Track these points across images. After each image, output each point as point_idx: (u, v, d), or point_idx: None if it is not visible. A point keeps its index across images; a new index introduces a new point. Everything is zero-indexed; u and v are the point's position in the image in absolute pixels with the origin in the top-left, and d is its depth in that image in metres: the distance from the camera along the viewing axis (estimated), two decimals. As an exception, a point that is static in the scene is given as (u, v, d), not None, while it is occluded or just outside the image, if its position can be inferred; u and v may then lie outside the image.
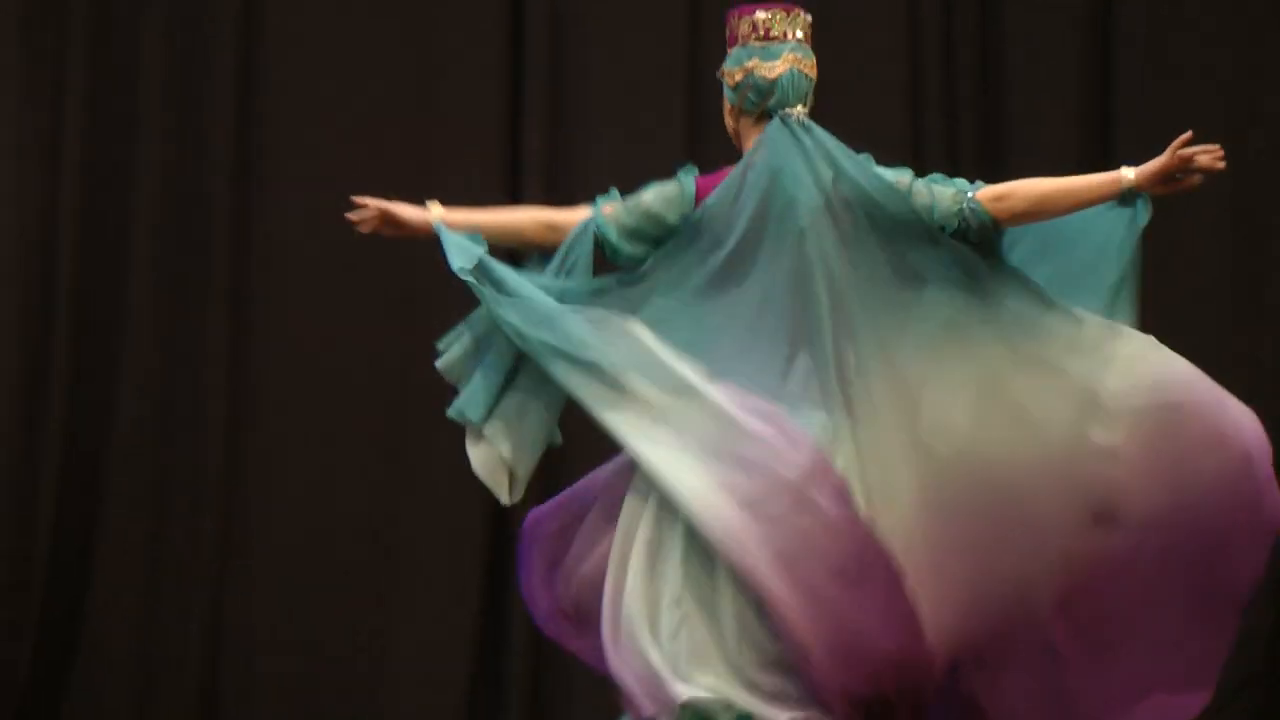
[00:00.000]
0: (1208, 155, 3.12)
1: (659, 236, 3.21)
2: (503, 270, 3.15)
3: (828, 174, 3.13)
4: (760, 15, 3.25)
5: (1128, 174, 3.14)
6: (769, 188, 3.14)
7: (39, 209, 5.23)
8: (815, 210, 3.12)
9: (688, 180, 3.21)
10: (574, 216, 3.25)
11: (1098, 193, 3.17)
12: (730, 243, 3.14)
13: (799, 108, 3.20)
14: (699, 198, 3.18)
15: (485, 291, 3.11)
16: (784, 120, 3.17)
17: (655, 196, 3.20)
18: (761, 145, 3.17)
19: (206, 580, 5.19)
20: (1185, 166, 3.12)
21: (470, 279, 3.10)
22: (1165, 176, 3.13)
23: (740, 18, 3.27)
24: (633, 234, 3.20)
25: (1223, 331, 5.31)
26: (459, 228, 3.20)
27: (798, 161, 3.15)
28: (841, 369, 3.07)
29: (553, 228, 3.26)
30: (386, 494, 5.32)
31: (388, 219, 3.23)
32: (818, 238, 3.11)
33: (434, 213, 3.22)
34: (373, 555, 5.30)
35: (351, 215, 3.27)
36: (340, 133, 5.43)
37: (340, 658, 5.24)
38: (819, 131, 3.19)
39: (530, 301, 3.12)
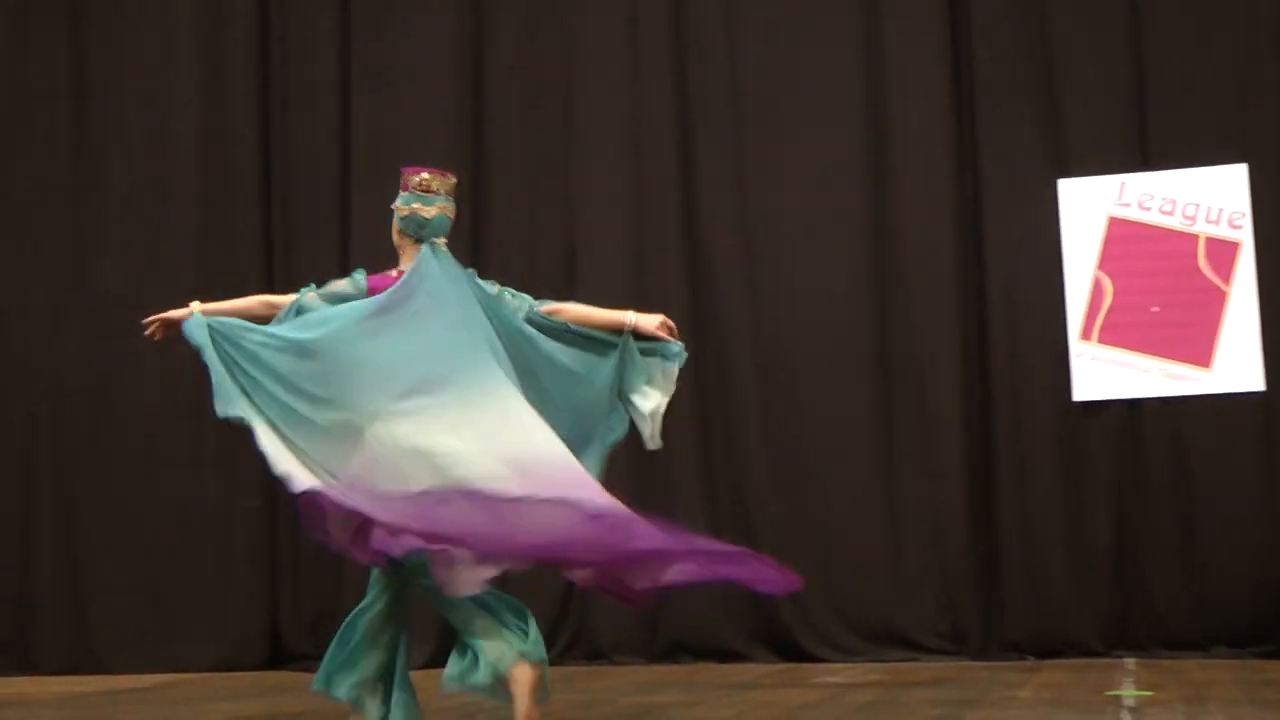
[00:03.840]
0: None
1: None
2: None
3: (461, 277, 5.24)
4: (424, 175, 5.44)
5: (630, 318, 5.53)
6: (422, 284, 5.17)
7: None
8: (461, 296, 5.18)
9: (360, 277, 5.32)
10: (287, 299, 5.30)
11: (609, 322, 5.51)
12: (401, 307, 5.13)
13: (441, 239, 5.32)
14: (370, 289, 5.25)
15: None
16: (433, 246, 5.27)
17: (341, 285, 5.32)
18: (421, 260, 5.23)
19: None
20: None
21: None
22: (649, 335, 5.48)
23: (410, 174, 5.46)
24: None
25: None
26: (211, 313, 5.27)
27: (439, 270, 5.23)
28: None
29: (271, 305, 5.33)
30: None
31: (166, 324, 5.37)
32: (461, 307, 5.17)
33: (194, 307, 5.28)
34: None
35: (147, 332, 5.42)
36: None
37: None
38: (449, 256, 5.29)
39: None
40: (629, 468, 8.71)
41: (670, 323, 5.54)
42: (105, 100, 9.42)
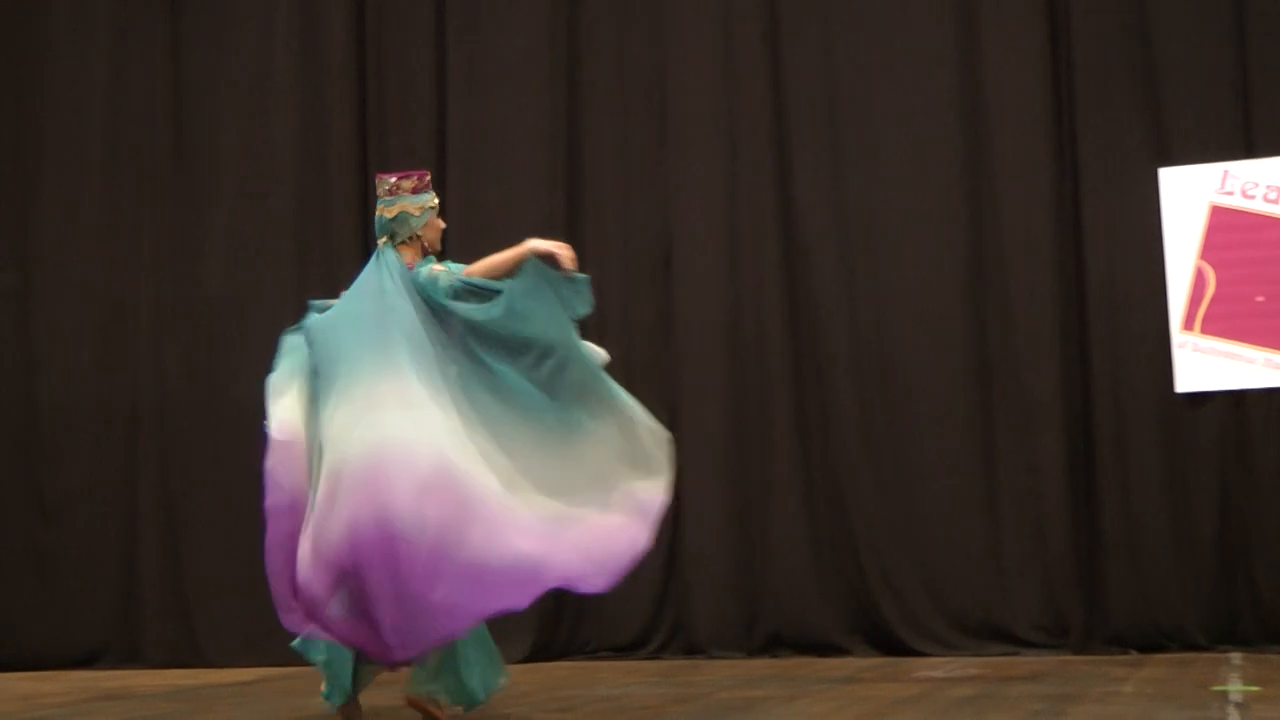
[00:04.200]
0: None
1: None
2: None
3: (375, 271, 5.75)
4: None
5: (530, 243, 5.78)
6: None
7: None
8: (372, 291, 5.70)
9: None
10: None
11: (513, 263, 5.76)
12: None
13: (381, 239, 5.86)
14: None
15: None
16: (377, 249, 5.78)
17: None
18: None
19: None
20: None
21: None
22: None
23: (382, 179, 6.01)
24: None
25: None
26: None
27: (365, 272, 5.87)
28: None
29: None
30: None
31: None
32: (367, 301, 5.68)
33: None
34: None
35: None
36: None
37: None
38: (382, 255, 5.79)
39: None
40: (727, 465, 8.78)
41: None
42: (206, 102, 9.57)
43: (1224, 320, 8.21)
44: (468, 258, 9.04)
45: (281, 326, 9.19)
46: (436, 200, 6.09)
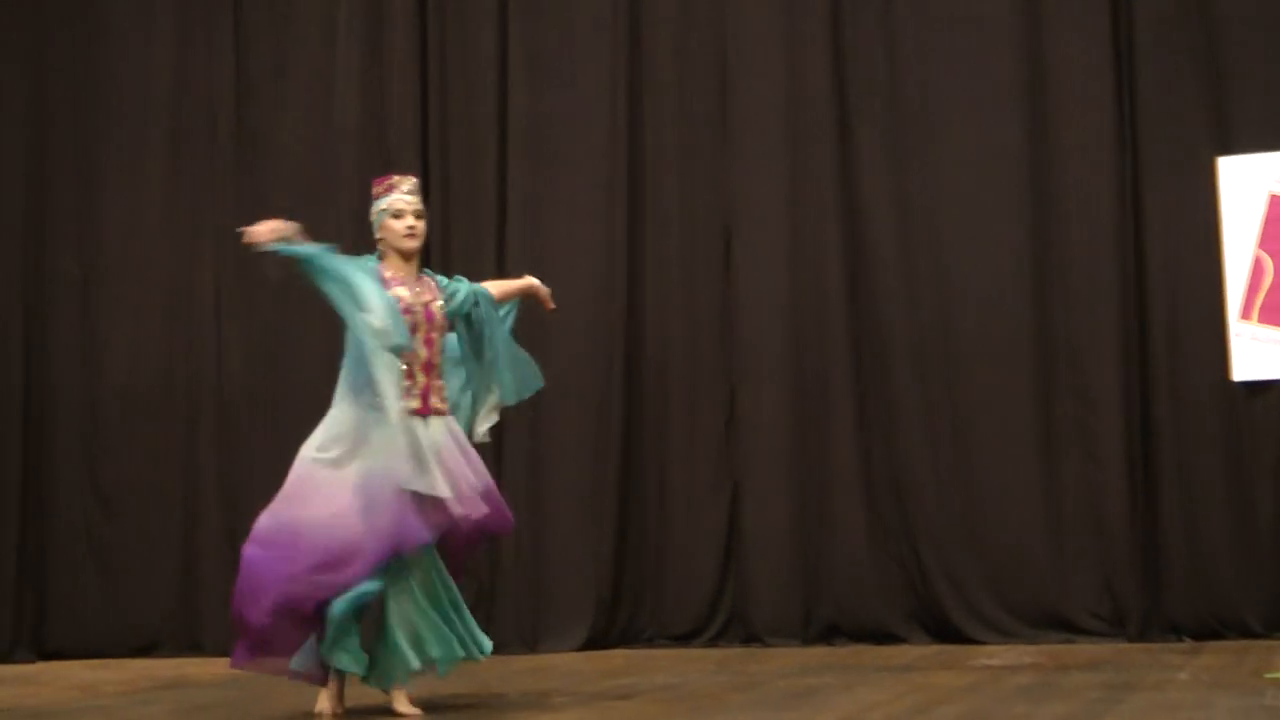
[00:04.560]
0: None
1: None
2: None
3: None
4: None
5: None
6: None
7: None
8: None
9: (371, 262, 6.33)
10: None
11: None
12: None
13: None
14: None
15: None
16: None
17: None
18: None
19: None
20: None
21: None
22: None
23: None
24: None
25: None
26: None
27: None
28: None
29: None
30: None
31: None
32: None
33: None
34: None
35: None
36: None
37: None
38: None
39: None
40: (786, 453, 8.83)
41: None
42: (268, 91, 9.67)
43: (1283, 310, 8.22)
44: (525, 245, 9.17)
45: (342, 320, 9.33)
46: (393, 202, 6.32)
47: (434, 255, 9.25)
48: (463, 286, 6.22)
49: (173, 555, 9.48)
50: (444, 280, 6.30)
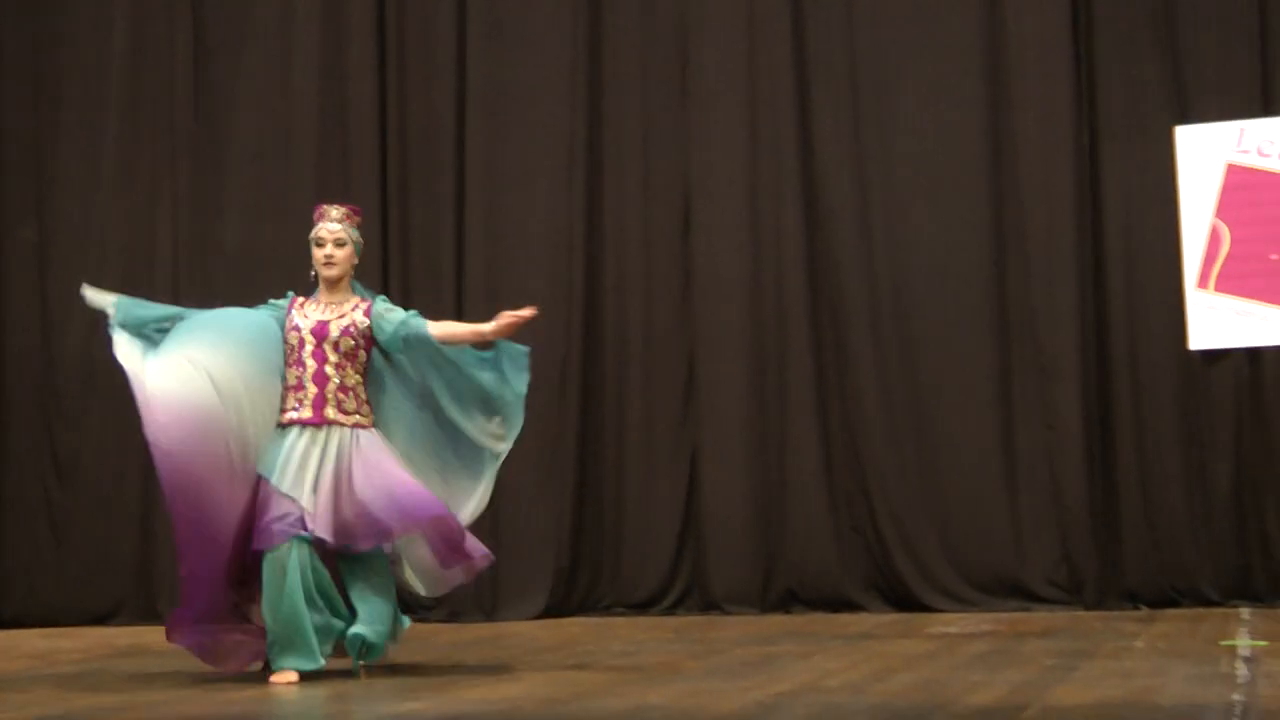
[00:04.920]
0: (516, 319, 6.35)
1: None
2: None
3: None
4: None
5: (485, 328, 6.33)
6: None
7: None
8: None
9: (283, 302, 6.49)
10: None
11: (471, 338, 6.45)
12: None
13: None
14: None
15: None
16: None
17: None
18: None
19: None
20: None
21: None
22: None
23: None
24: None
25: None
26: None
27: None
28: None
29: None
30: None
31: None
32: None
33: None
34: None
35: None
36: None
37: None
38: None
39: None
40: (744, 422, 8.87)
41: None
42: (225, 58, 9.62)
43: (1238, 278, 8.28)
44: (484, 214, 9.17)
45: (300, 285, 9.31)
46: (316, 231, 6.50)
47: (391, 228, 9.27)
48: (391, 322, 6.32)
49: (130, 523, 9.46)
50: (382, 307, 6.39)
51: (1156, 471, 8.39)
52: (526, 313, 6.38)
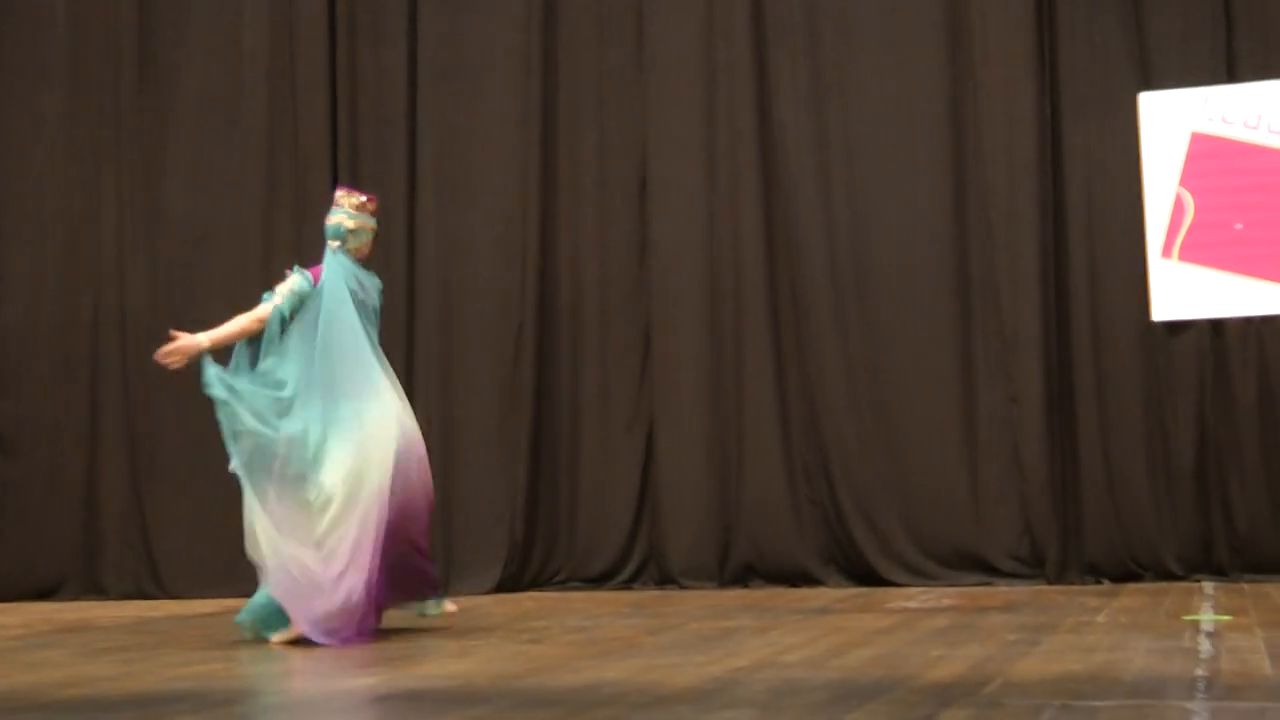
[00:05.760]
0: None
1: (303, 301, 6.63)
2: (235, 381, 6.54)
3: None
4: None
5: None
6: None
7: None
8: None
9: (307, 273, 6.68)
10: (266, 310, 6.59)
11: None
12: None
13: (335, 242, 6.79)
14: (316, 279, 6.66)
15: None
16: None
17: (296, 284, 6.65)
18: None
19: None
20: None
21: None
22: None
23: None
24: (291, 305, 6.59)
25: None
26: (218, 342, 6.58)
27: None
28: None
29: (259, 320, 6.60)
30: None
31: (184, 355, 6.62)
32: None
33: (201, 340, 6.57)
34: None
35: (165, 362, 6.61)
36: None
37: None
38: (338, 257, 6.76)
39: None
40: (701, 393, 8.87)
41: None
42: (171, 18, 9.56)
43: (1202, 248, 8.32)
44: (435, 180, 9.14)
45: (249, 251, 9.34)
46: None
47: (343, 183, 9.21)
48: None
49: (74, 496, 9.42)
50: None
51: (1119, 444, 8.43)
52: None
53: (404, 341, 9.07)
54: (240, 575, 9.07)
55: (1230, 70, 8.38)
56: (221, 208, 9.35)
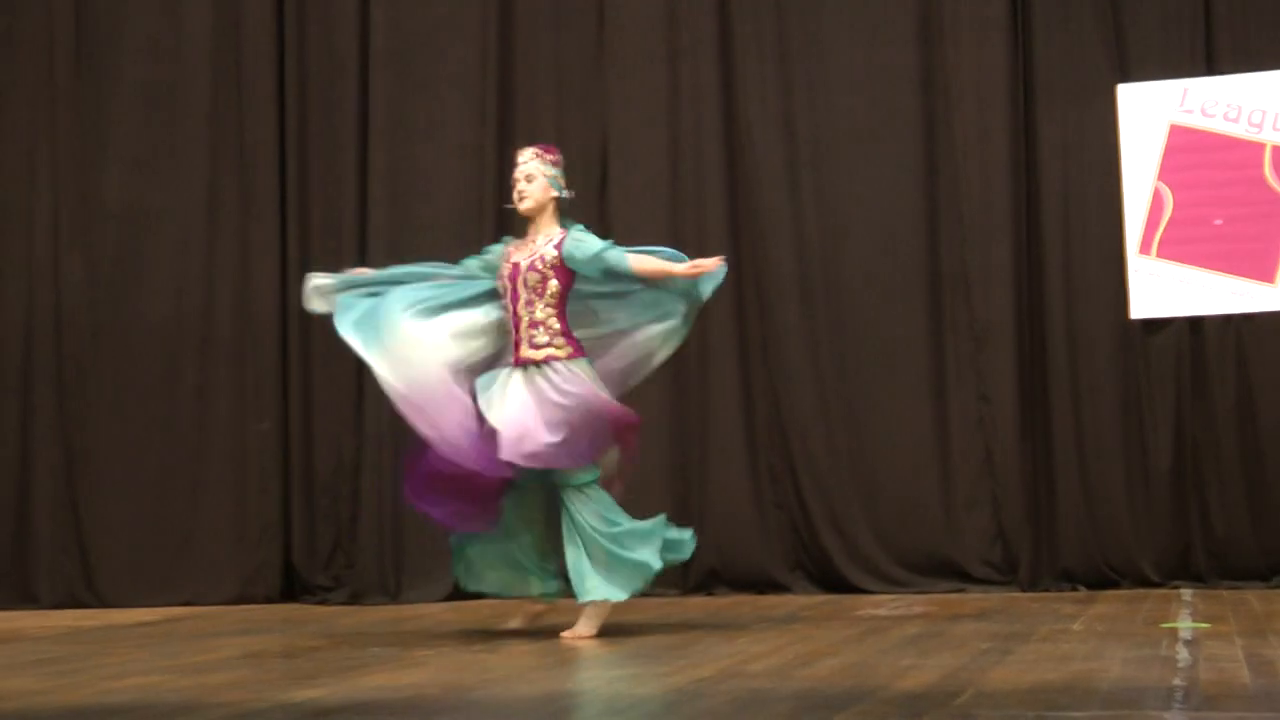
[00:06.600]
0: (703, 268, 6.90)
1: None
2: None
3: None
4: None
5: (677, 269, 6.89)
6: None
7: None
8: None
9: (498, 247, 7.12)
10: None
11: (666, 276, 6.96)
12: None
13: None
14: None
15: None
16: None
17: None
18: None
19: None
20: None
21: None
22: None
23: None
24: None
25: None
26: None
27: None
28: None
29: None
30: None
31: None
32: None
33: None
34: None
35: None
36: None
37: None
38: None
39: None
40: (663, 392, 8.86)
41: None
42: (108, 3, 9.50)
43: (1182, 244, 8.36)
44: (389, 170, 9.11)
45: (192, 241, 9.30)
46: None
47: (290, 183, 9.21)
48: (585, 252, 6.88)
49: (4, 499, 9.36)
50: (575, 237, 6.96)
51: (1095, 446, 8.47)
52: (714, 262, 6.94)
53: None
54: (179, 582, 9.09)
55: (1210, 61, 8.43)
56: (162, 197, 9.29)
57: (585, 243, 6.89)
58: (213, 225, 9.31)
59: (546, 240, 6.96)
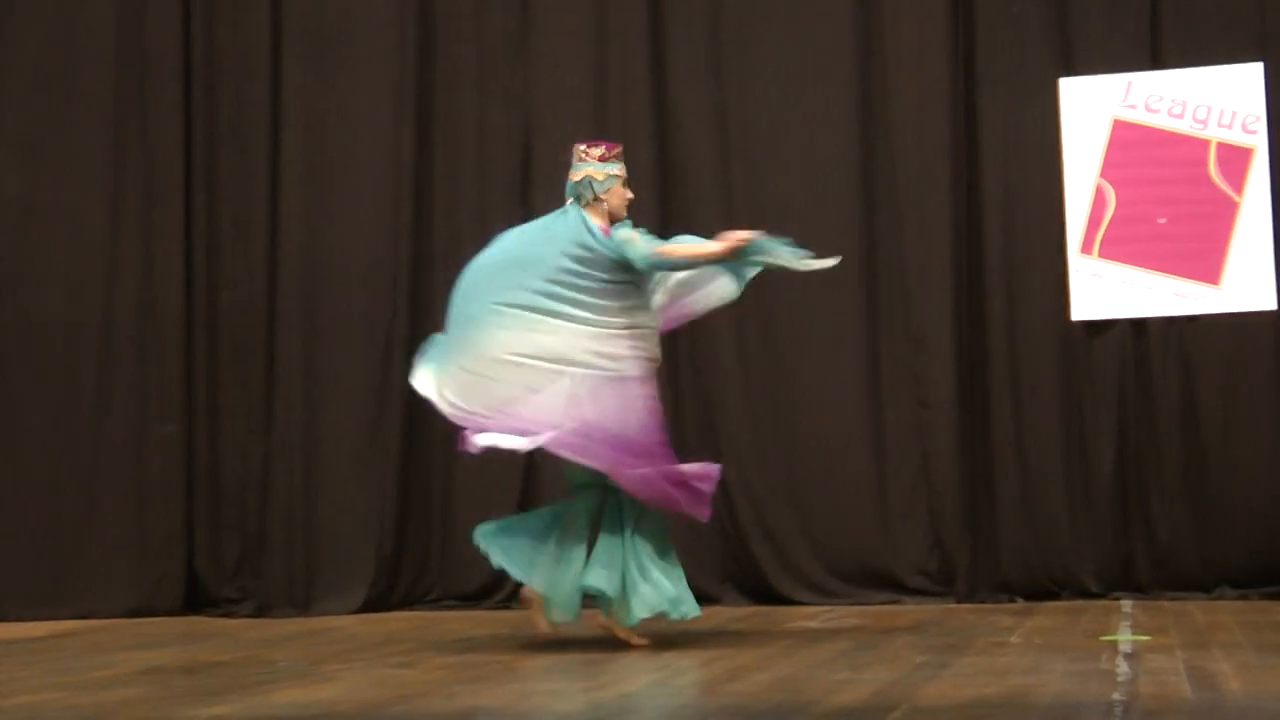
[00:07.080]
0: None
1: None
2: None
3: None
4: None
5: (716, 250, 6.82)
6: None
7: None
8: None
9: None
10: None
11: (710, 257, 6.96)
12: None
13: (570, 200, 7.14)
14: None
15: None
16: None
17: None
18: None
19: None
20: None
21: None
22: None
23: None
24: None
25: None
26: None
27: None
28: None
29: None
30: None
31: None
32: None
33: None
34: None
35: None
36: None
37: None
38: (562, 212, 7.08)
39: None
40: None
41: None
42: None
43: (1124, 243, 8.40)
44: (301, 166, 9.06)
45: (91, 235, 9.21)
46: (623, 171, 7.07)
47: (196, 178, 9.13)
48: (630, 251, 6.87)
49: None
50: (622, 229, 7.01)
51: (1034, 452, 8.50)
52: (748, 234, 6.91)
53: (265, 341, 8.98)
54: (72, 594, 8.98)
55: (1155, 55, 8.47)
56: (57, 191, 9.18)
57: (630, 244, 6.96)
58: (114, 217, 9.20)
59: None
